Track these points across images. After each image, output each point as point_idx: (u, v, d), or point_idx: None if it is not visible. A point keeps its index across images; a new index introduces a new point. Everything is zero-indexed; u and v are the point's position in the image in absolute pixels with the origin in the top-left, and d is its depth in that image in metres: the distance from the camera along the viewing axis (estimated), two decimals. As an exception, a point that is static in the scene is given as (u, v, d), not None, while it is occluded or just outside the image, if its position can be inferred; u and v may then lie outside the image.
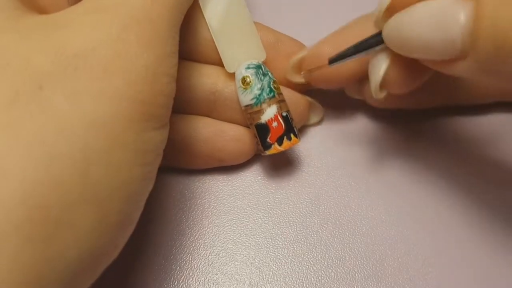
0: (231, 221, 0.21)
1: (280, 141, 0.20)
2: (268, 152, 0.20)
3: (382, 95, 0.19)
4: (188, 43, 0.21)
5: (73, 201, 0.13)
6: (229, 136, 0.21)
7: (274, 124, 0.20)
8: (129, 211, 0.15)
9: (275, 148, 0.20)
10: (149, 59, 0.15)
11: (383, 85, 0.19)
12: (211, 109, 0.22)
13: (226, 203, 0.22)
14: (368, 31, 0.18)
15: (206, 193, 0.22)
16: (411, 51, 0.16)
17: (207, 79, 0.21)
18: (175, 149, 0.21)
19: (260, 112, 0.20)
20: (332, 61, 0.19)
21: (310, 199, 0.22)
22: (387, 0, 0.17)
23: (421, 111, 0.24)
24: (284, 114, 0.20)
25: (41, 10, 0.16)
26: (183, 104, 0.22)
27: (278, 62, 0.22)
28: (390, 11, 0.17)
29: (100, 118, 0.13)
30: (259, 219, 0.21)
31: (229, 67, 0.21)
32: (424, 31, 0.15)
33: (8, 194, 0.12)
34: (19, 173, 0.12)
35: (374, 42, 0.18)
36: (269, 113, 0.20)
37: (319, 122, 0.24)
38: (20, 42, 0.14)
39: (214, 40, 0.21)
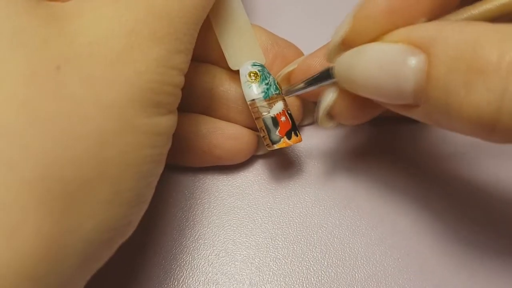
0: (231, 221, 0.21)
1: (289, 135, 0.20)
2: (276, 146, 0.20)
3: (329, 125, 0.20)
4: None
5: (88, 177, 0.13)
6: (226, 134, 0.21)
7: (283, 118, 0.20)
8: (141, 190, 0.15)
9: (285, 142, 0.20)
10: (160, 53, 0.15)
11: (332, 115, 0.19)
12: (206, 107, 0.22)
13: (226, 203, 0.22)
14: None
15: (206, 193, 0.22)
16: (362, 92, 0.16)
17: (203, 77, 0.21)
18: (173, 145, 0.21)
19: (269, 106, 0.20)
20: (287, 93, 0.21)
21: (310, 199, 0.22)
22: (339, 37, 0.16)
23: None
24: (289, 112, 0.21)
25: None
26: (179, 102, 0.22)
27: (273, 67, 0.22)
28: (343, 45, 0.16)
29: (112, 102, 0.14)
30: (259, 219, 0.21)
31: (233, 64, 0.21)
32: (374, 75, 0.15)
33: (30, 169, 0.12)
34: (39, 149, 0.13)
35: (326, 77, 0.18)
36: (278, 107, 0.20)
37: (313, 122, 0.24)
38: (38, 26, 0.14)
39: (218, 37, 0.21)
